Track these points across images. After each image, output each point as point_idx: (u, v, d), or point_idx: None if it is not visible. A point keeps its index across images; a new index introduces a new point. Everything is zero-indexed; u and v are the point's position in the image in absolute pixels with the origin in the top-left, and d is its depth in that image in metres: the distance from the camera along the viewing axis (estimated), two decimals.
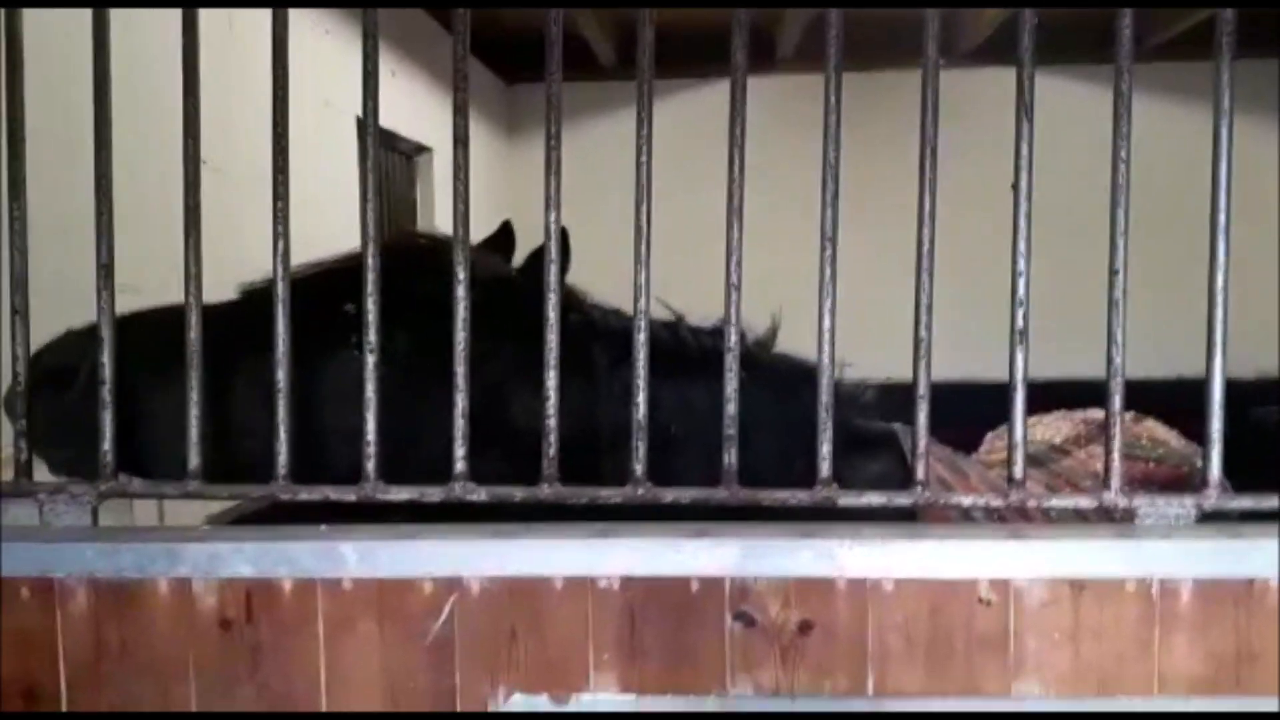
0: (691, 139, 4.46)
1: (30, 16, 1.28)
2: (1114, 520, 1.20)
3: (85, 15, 1.25)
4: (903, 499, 1.19)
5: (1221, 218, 1.14)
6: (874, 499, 1.20)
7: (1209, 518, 1.16)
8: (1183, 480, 2.00)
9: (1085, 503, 1.19)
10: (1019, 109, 1.17)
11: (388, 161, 4.26)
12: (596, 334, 1.55)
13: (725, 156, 1.18)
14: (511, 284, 1.54)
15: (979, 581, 1.10)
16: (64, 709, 1.18)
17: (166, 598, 1.16)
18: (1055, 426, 2.07)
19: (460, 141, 1.20)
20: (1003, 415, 2.17)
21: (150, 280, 1.70)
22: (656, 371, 1.28)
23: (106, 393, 1.24)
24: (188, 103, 1.24)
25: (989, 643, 1.11)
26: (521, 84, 5.99)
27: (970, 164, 3.32)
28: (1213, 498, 1.15)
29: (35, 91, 1.29)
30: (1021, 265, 1.17)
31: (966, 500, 1.21)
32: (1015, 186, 1.19)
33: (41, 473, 1.31)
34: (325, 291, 1.43)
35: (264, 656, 1.15)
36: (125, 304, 1.32)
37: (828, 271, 1.18)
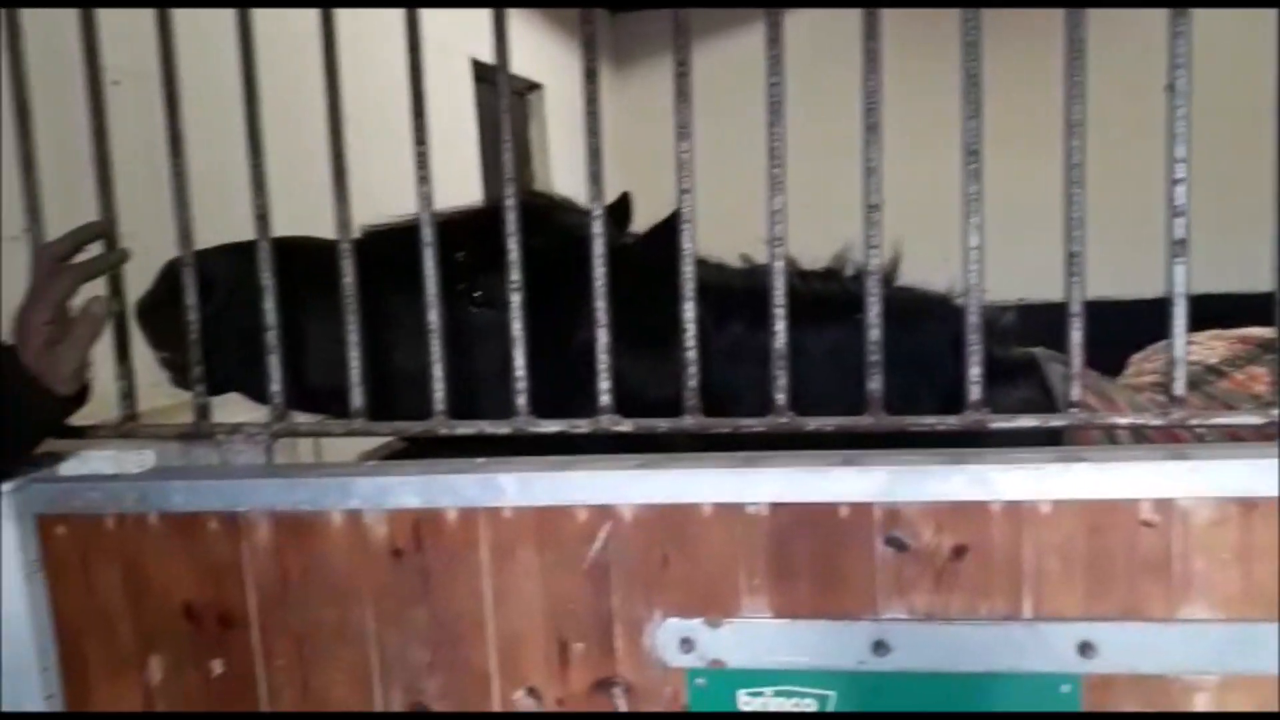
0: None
1: None
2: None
3: None
4: (1057, 421, 1.17)
5: None
6: (1027, 421, 1.17)
7: None
8: None
9: (1254, 419, 1.13)
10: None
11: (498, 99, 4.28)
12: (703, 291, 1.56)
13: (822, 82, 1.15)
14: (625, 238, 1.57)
15: (1140, 502, 1.07)
16: (255, 632, 1.28)
17: (340, 528, 1.23)
18: (1210, 346, 1.96)
19: (590, 75, 1.20)
20: (1146, 336, 2.09)
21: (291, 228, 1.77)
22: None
23: (272, 338, 1.31)
24: (327, 55, 1.28)
25: (1152, 565, 1.08)
26: (625, 13, 5.89)
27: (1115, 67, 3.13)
28: None
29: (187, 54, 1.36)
30: (1180, 172, 1.10)
31: (1122, 421, 1.17)
32: (1171, 87, 1.12)
33: (219, 414, 1.40)
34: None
35: (433, 582, 1.22)
36: None
37: (972, 188, 1.14)
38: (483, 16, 1.26)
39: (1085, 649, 1.09)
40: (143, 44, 1.34)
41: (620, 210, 1.77)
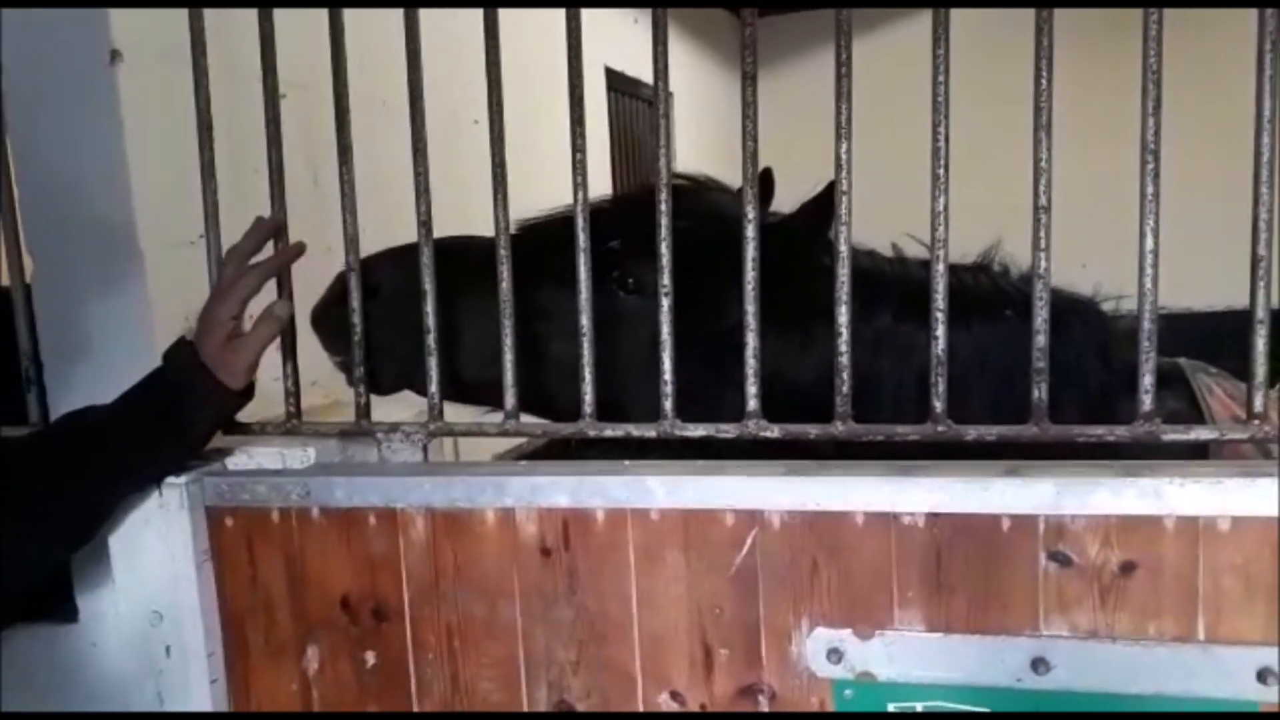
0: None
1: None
2: None
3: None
4: (1236, 434, 1.11)
5: None
6: (1203, 434, 1.12)
7: None
8: None
9: None
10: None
11: (630, 108, 4.34)
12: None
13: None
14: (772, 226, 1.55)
15: None
16: (408, 624, 1.32)
17: (493, 526, 1.26)
18: None
19: (749, 78, 1.21)
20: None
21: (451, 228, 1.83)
22: (916, 314, 1.24)
23: (432, 341, 1.35)
24: (490, 71, 1.32)
25: None
26: (767, 16, 5.88)
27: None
28: None
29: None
30: (1264, 192, 1.04)
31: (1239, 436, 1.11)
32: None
33: (377, 414, 1.46)
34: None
35: (580, 580, 1.24)
36: None
37: (1150, 188, 1.09)
38: (614, 25, 1.28)
39: (1265, 675, 1.03)
40: (307, 56, 1.41)
41: (764, 187, 1.76)
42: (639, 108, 4.45)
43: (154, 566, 1.40)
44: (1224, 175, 2.78)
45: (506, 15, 1.33)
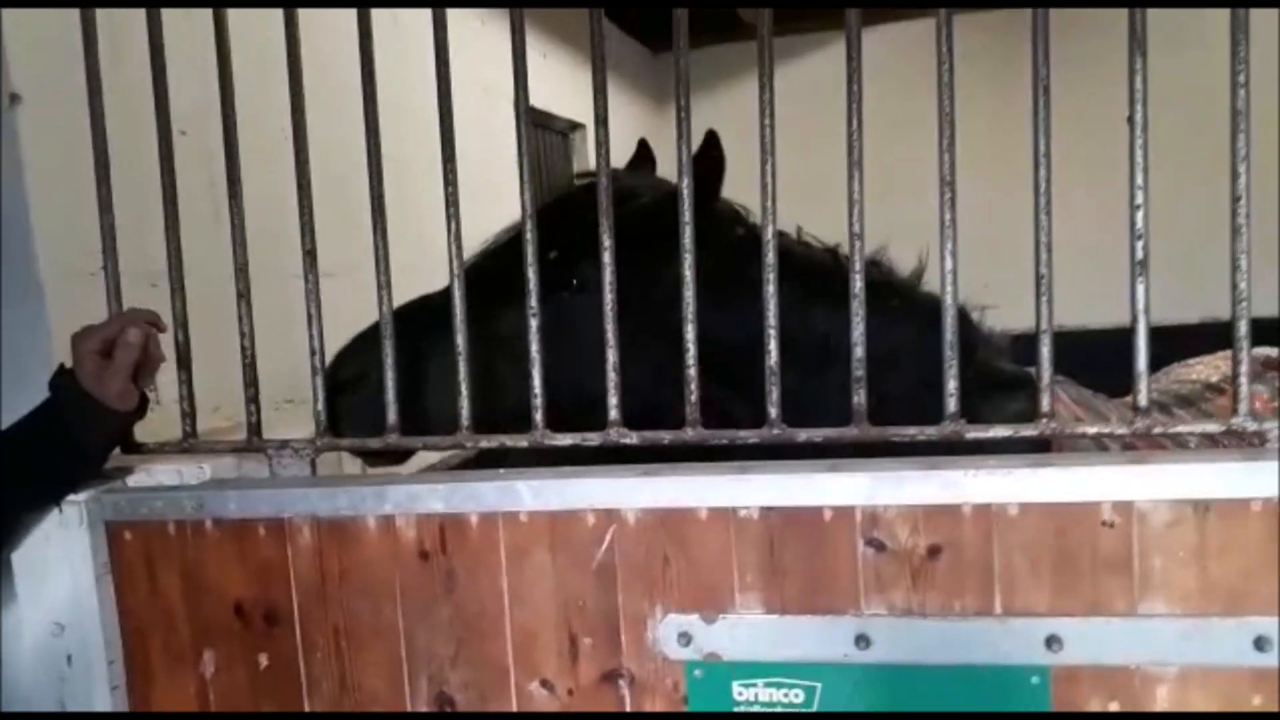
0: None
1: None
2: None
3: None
4: (1028, 430, 1.26)
5: None
6: (1000, 432, 1.27)
7: None
8: None
9: (1213, 428, 1.22)
10: (1131, 43, 1.19)
11: (543, 140, 4.48)
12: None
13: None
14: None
15: (1102, 504, 1.16)
16: (297, 627, 1.41)
17: (375, 532, 1.36)
18: (1214, 365, 2.03)
19: (600, 121, 1.34)
20: (1167, 359, 2.17)
21: (343, 264, 1.93)
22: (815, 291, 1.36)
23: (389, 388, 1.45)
24: (367, 102, 1.43)
25: (1114, 563, 1.16)
26: (667, 53, 6.08)
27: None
28: None
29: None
30: (1139, 199, 1.20)
31: (1091, 430, 1.26)
32: (1130, 120, 1.22)
33: (268, 431, 1.55)
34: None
35: (457, 581, 1.34)
36: (325, 287, 1.54)
37: (947, 216, 1.25)
38: (531, 63, 1.40)
39: (1051, 642, 1.17)
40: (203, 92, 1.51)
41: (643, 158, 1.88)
42: (551, 139, 4.59)
43: (55, 580, 1.47)
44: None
45: (409, 44, 1.44)
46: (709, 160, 1.58)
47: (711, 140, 1.60)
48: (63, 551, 1.46)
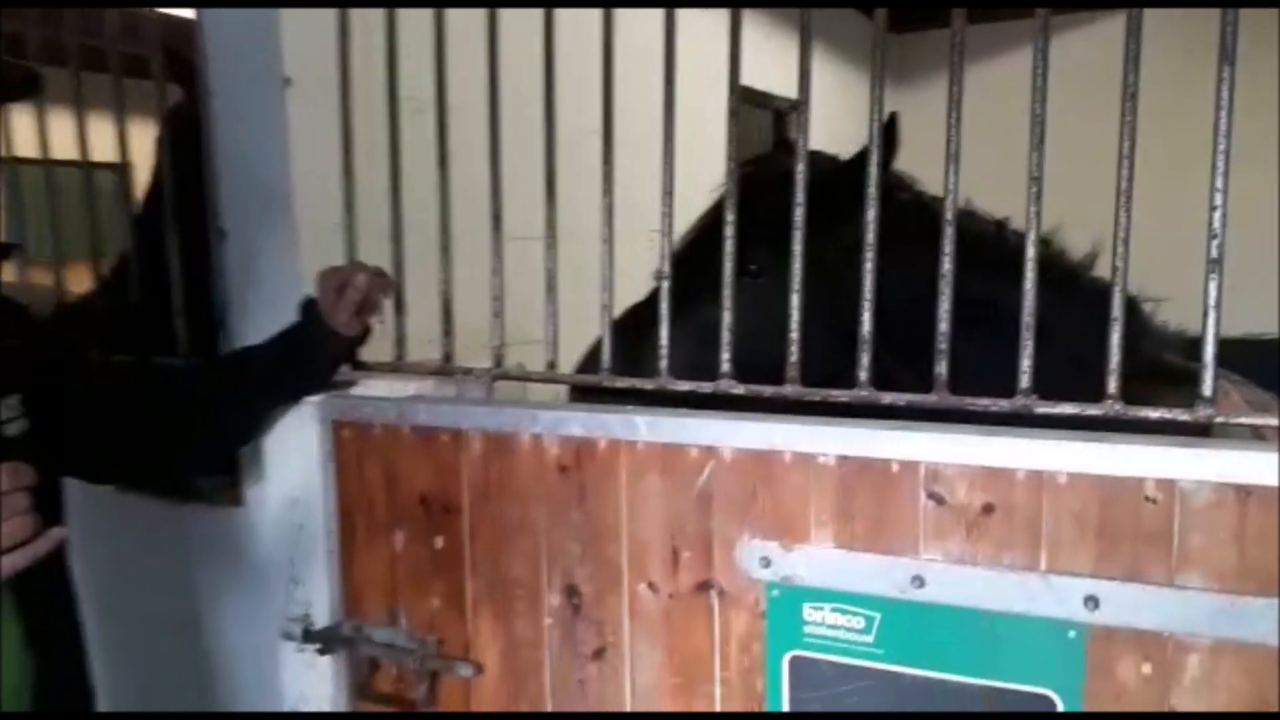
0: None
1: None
2: None
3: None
4: (1094, 410, 1.36)
5: None
6: (1067, 409, 1.38)
7: None
8: None
9: (1273, 421, 1.27)
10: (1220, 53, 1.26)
11: (760, 119, 4.65)
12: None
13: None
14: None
15: (1145, 480, 1.26)
16: (466, 518, 1.74)
17: (527, 446, 1.66)
18: None
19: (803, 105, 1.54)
20: None
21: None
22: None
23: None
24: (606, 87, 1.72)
25: (1154, 536, 1.26)
26: (908, 33, 6.05)
27: None
28: None
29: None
30: (1218, 200, 1.27)
31: (1155, 414, 1.34)
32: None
33: (459, 360, 1.89)
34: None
35: (587, 493, 1.62)
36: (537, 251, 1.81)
37: (1032, 209, 1.36)
38: (749, 45, 1.61)
39: (1089, 601, 1.29)
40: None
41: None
42: (766, 116, 4.75)
43: (293, 464, 1.89)
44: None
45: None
46: (886, 135, 1.76)
47: (893, 120, 1.80)
48: (299, 442, 1.87)
